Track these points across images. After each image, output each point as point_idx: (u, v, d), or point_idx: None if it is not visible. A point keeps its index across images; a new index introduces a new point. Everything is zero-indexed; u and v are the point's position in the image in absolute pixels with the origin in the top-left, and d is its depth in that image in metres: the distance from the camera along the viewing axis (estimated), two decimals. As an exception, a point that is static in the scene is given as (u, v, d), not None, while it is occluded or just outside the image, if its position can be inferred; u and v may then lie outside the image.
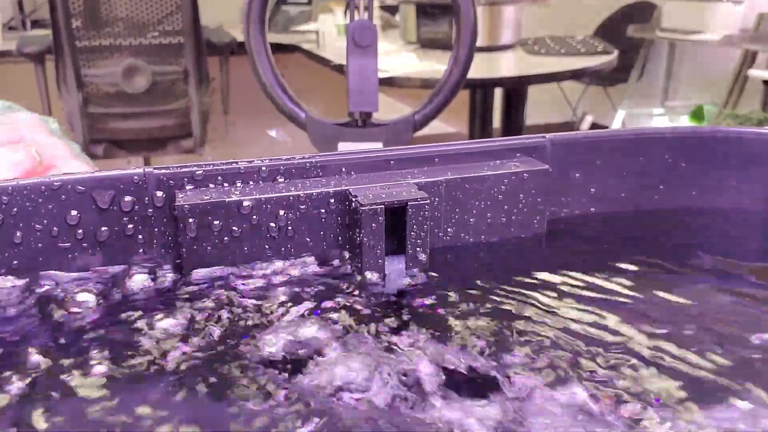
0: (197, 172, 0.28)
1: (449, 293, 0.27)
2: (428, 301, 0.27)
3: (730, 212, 0.35)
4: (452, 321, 0.25)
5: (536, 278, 0.28)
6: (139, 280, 0.28)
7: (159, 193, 0.28)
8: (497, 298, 0.27)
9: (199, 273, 0.28)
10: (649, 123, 3.39)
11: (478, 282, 0.28)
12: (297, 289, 0.27)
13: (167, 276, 0.28)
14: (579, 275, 0.29)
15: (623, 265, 0.30)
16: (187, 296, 0.27)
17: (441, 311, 0.26)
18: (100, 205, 0.27)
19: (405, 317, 0.25)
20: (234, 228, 0.28)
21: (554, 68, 1.85)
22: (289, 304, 0.26)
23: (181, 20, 2.20)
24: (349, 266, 0.29)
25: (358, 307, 0.26)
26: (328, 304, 0.26)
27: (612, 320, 0.25)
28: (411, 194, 0.28)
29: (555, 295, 0.27)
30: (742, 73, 2.89)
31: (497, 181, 0.31)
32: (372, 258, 0.28)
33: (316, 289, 0.27)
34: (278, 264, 0.29)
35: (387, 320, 0.25)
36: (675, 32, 3.02)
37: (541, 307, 0.26)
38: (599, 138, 0.34)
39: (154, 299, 0.26)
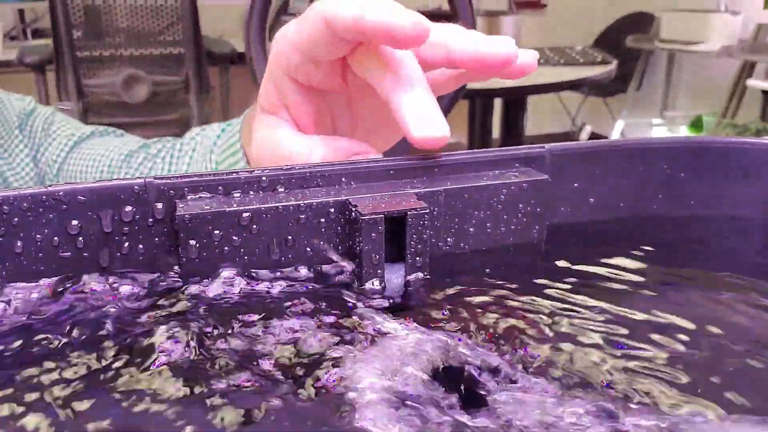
0: (198, 182, 0.28)
1: (448, 301, 0.27)
2: (427, 308, 0.27)
3: (729, 221, 0.35)
4: (452, 328, 0.25)
5: (535, 286, 0.29)
6: (139, 289, 0.28)
7: (159, 203, 0.28)
8: (496, 307, 0.27)
9: (198, 282, 0.28)
10: (648, 133, 3.40)
11: (478, 290, 0.28)
12: (296, 298, 0.27)
13: (167, 285, 0.28)
14: (579, 284, 0.29)
15: (623, 274, 0.30)
16: (186, 306, 0.27)
17: (440, 319, 0.26)
18: (101, 217, 0.27)
19: (404, 325, 0.25)
20: (234, 237, 0.28)
21: (553, 79, 1.86)
22: (289, 313, 0.26)
23: (182, 31, 2.21)
24: (349, 275, 0.29)
25: (358, 315, 0.26)
26: (327, 312, 0.26)
27: (612, 327, 0.25)
28: (410, 204, 0.28)
29: (554, 303, 0.27)
30: (741, 83, 2.90)
31: (496, 190, 0.31)
32: (372, 267, 0.28)
33: (315, 298, 0.27)
34: (278, 273, 0.29)
35: (386, 328, 0.25)
36: (673, 43, 3.03)
37: (541, 314, 0.26)
38: (598, 148, 0.34)
39: (154, 308, 0.26)
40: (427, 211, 0.28)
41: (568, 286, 0.29)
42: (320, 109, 0.38)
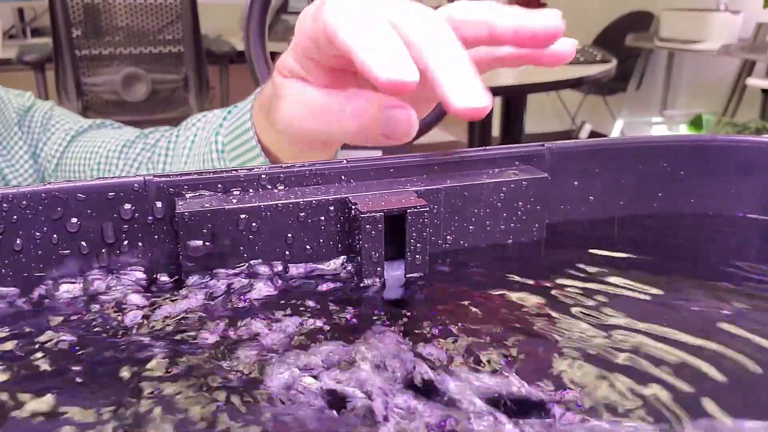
0: (197, 180, 0.28)
1: (448, 299, 0.27)
2: (427, 306, 0.27)
3: (728, 219, 0.35)
4: (450, 327, 0.25)
5: (535, 285, 0.29)
6: (138, 287, 0.28)
7: (159, 201, 0.28)
8: (495, 305, 0.27)
9: (198, 280, 0.28)
10: (647, 132, 3.40)
11: (477, 288, 0.28)
12: (296, 296, 0.27)
13: (167, 283, 0.28)
14: (578, 282, 0.29)
15: (622, 272, 0.30)
16: (186, 303, 0.27)
17: (439, 317, 0.26)
18: (100, 215, 0.27)
19: (403, 323, 0.25)
20: (234, 235, 0.28)
21: (553, 77, 1.86)
22: (288, 310, 0.26)
23: (181, 29, 2.20)
24: (349, 273, 0.29)
25: (357, 313, 0.26)
26: (327, 310, 0.26)
27: (611, 326, 0.25)
28: (410, 202, 0.28)
29: (554, 301, 0.27)
30: (741, 82, 2.89)
31: (496, 189, 0.31)
32: (371, 265, 0.28)
33: (315, 296, 0.27)
34: (278, 271, 0.29)
35: (386, 326, 0.25)
36: (673, 41, 3.03)
37: (540, 313, 0.26)
38: (598, 146, 0.34)
39: (154, 305, 0.26)
40: (427, 209, 0.28)
41: (568, 284, 0.29)
42: (343, 81, 0.37)
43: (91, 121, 0.66)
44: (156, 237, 0.28)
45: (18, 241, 0.26)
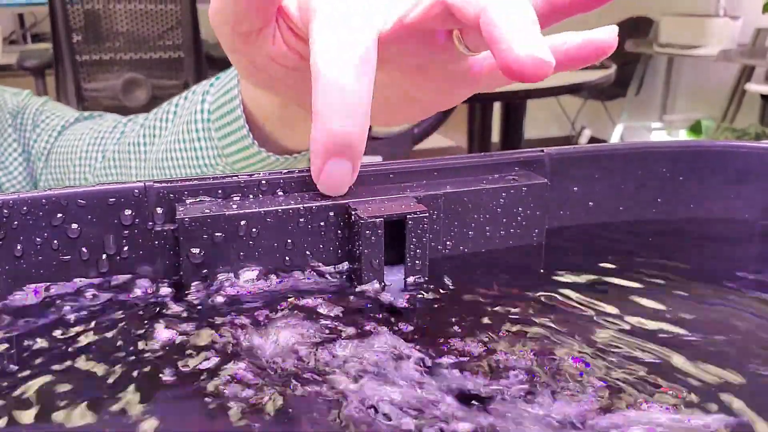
0: (197, 186, 0.28)
1: (447, 305, 0.27)
2: (426, 312, 0.27)
3: (728, 223, 0.35)
4: (450, 332, 0.25)
5: (535, 290, 0.29)
6: (139, 293, 0.28)
7: (159, 206, 0.28)
8: (495, 310, 0.27)
9: (198, 285, 0.28)
10: (647, 137, 3.40)
11: (477, 294, 0.28)
12: (296, 302, 0.27)
13: (167, 288, 0.28)
14: (578, 288, 0.29)
15: (622, 277, 0.30)
16: (186, 309, 0.27)
17: (439, 322, 0.26)
18: (100, 221, 0.27)
19: (403, 328, 0.25)
20: (234, 241, 0.28)
21: (553, 82, 1.86)
22: (288, 317, 0.26)
23: (182, 35, 2.21)
24: (348, 278, 0.29)
25: (357, 318, 0.26)
26: (327, 316, 0.26)
27: (610, 331, 0.25)
28: (410, 207, 0.28)
29: (553, 306, 0.27)
30: (740, 88, 2.90)
31: (496, 194, 0.31)
32: (371, 271, 0.28)
33: (315, 301, 0.27)
34: (278, 277, 0.29)
35: (386, 331, 0.25)
36: (673, 47, 3.03)
37: (540, 319, 0.26)
38: (597, 152, 0.34)
39: (154, 312, 0.27)
40: (427, 214, 0.28)
41: (567, 290, 0.29)
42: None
43: (78, 114, 0.66)
44: (156, 242, 0.28)
45: (18, 247, 0.27)
